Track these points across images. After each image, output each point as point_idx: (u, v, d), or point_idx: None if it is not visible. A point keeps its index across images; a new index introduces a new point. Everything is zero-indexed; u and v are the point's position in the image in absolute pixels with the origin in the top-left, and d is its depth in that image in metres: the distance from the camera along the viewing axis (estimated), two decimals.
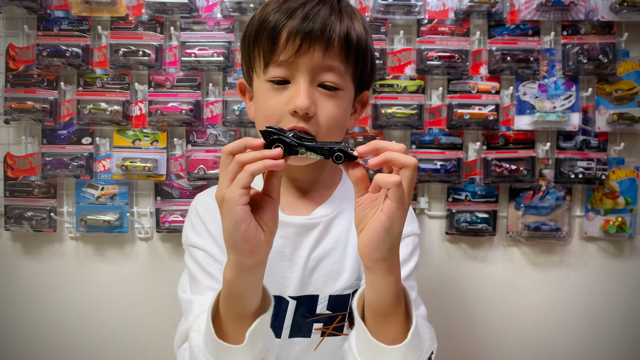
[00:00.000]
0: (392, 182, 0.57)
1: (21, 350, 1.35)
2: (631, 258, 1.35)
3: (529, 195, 1.32)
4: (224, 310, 0.66)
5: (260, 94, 0.81)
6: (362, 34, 0.80)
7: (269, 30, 0.76)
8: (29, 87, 1.27)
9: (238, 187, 0.58)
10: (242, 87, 0.92)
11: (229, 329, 0.66)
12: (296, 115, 0.75)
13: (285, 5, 0.77)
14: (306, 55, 0.75)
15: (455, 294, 1.35)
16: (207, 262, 0.83)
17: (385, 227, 0.60)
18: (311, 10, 0.75)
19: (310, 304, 0.86)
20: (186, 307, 0.82)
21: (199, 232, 0.87)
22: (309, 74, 0.76)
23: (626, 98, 1.30)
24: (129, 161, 1.27)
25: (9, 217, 1.29)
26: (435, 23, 1.28)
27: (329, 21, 0.75)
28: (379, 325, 0.67)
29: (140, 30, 1.27)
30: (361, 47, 0.80)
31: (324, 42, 0.75)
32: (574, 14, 1.27)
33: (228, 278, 0.64)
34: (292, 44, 0.74)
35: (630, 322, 1.36)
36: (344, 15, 0.78)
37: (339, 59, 0.77)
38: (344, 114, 0.81)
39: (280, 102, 0.77)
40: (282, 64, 0.76)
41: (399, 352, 0.65)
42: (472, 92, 1.29)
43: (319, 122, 0.76)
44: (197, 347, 0.68)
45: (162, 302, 1.33)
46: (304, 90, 0.75)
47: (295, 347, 0.86)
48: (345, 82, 0.80)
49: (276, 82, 0.78)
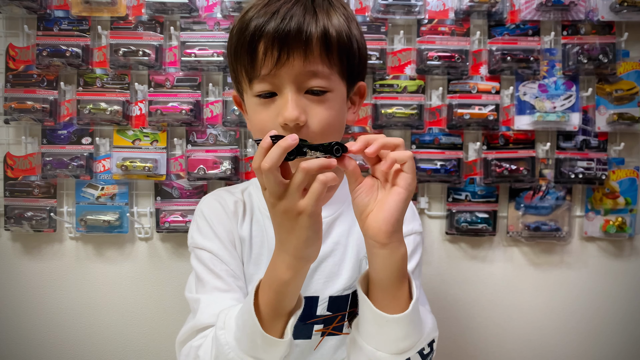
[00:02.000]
0: (408, 156, 0.63)
1: (21, 350, 1.35)
2: (631, 258, 1.35)
3: (529, 195, 1.32)
4: (268, 309, 0.67)
5: (251, 108, 0.81)
6: (343, 27, 0.78)
7: (246, 45, 0.75)
8: (29, 87, 1.27)
9: (314, 198, 0.60)
10: (237, 100, 0.92)
11: (268, 325, 0.67)
12: (287, 127, 0.74)
13: (257, 16, 0.75)
14: (287, 66, 0.73)
15: (455, 294, 1.35)
16: (214, 263, 0.84)
17: (404, 198, 0.64)
18: (285, 14, 0.73)
19: (310, 306, 0.86)
20: (194, 305, 0.82)
21: (205, 234, 0.87)
22: (294, 83, 0.75)
23: (626, 98, 1.30)
24: (129, 161, 1.27)
25: (9, 217, 1.29)
26: (435, 23, 1.28)
27: (304, 24, 0.73)
28: (386, 301, 0.68)
29: (140, 30, 1.27)
30: (343, 41, 0.77)
31: (302, 48, 0.73)
32: (574, 14, 1.27)
33: (285, 278, 0.65)
34: (271, 56, 0.73)
35: (630, 322, 1.36)
36: (319, 14, 0.75)
37: (321, 61, 0.75)
38: (336, 115, 0.80)
39: (269, 115, 0.77)
40: (265, 79, 0.76)
41: (401, 322, 0.67)
42: (472, 92, 1.29)
43: (311, 130, 0.76)
44: (227, 345, 0.68)
45: (162, 302, 1.33)
46: (292, 101, 0.74)
47: (296, 348, 0.87)
48: (333, 83, 0.78)
49: (263, 95, 0.77)
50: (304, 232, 0.62)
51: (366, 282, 0.71)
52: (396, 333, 0.68)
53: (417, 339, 0.70)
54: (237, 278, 0.85)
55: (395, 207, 0.64)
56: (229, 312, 0.72)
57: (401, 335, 0.68)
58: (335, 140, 0.63)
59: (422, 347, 0.71)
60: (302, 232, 0.62)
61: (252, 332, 0.66)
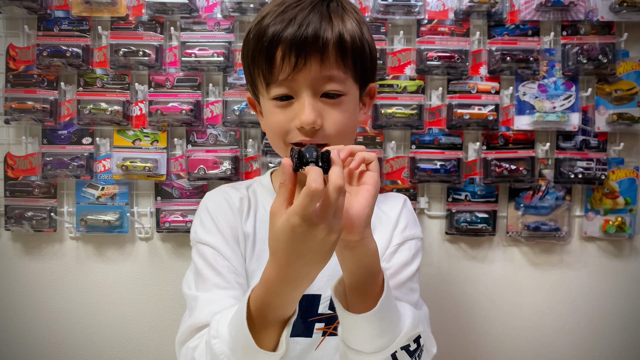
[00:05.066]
0: (374, 156, 0.65)
1: (21, 350, 1.35)
2: (631, 258, 1.35)
3: (528, 195, 1.32)
4: (261, 319, 0.65)
5: (267, 111, 0.83)
6: (356, 31, 0.80)
7: (264, 51, 0.77)
8: (29, 87, 1.27)
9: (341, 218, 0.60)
10: (251, 102, 0.94)
11: (262, 335, 0.65)
12: (303, 130, 0.77)
13: (275, 22, 0.77)
14: (304, 71, 0.76)
15: (455, 294, 1.35)
16: (216, 259, 0.84)
17: (373, 195, 0.64)
18: (302, 21, 0.75)
19: (312, 304, 0.87)
20: (191, 303, 0.82)
21: (209, 230, 0.88)
22: (310, 88, 0.77)
23: (626, 98, 1.30)
24: (129, 161, 1.27)
25: (9, 217, 1.29)
26: (435, 23, 1.29)
27: (320, 30, 0.75)
28: (359, 300, 0.68)
29: (141, 31, 1.27)
30: (357, 46, 0.80)
31: (319, 54, 0.75)
32: (574, 14, 1.27)
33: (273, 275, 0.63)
34: (288, 62, 0.75)
35: (630, 322, 1.36)
36: (334, 20, 0.78)
37: (337, 66, 0.78)
38: (351, 118, 0.82)
39: (286, 118, 0.79)
40: (282, 83, 0.78)
41: (371, 320, 0.66)
42: (472, 92, 1.29)
43: (327, 133, 0.78)
44: (223, 354, 0.67)
45: (162, 302, 1.33)
46: (308, 105, 0.76)
47: (296, 346, 0.87)
48: (348, 87, 0.80)
49: (280, 99, 0.79)
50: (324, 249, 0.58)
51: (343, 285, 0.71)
52: (369, 331, 0.68)
53: (394, 336, 0.70)
54: (238, 275, 0.85)
55: (366, 203, 0.64)
56: (222, 318, 0.70)
57: (375, 332, 0.68)
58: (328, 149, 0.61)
59: (407, 344, 0.71)
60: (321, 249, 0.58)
61: (245, 345, 0.64)
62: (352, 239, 0.64)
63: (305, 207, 0.54)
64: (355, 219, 0.63)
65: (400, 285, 0.84)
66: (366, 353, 0.70)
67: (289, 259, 0.60)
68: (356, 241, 0.65)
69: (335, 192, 0.55)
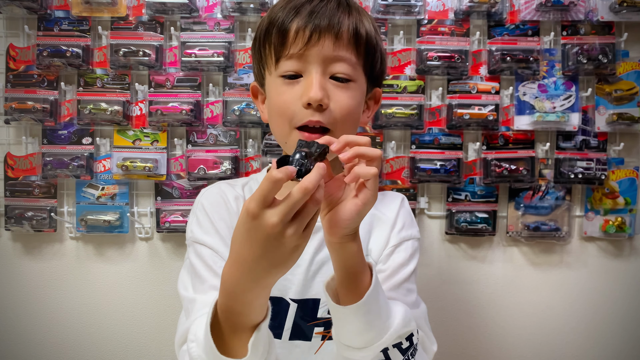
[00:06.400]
0: (372, 174, 0.61)
1: (21, 350, 1.35)
2: (631, 258, 1.35)
3: (528, 195, 1.32)
4: (229, 323, 0.63)
5: (273, 90, 0.82)
6: (372, 31, 0.82)
7: (279, 25, 0.78)
8: (30, 87, 1.27)
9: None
10: (254, 90, 0.92)
11: (231, 341, 0.64)
12: (310, 107, 0.76)
13: (293, 3, 0.79)
14: (316, 47, 0.76)
15: (455, 294, 1.35)
16: (214, 260, 0.82)
17: (359, 210, 0.63)
18: (317, 5, 0.77)
19: (311, 308, 0.86)
20: (188, 305, 0.80)
21: (206, 229, 0.86)
22: (321, 65, 0.77)
23: (626, 98, 1.30)
24: (129, 161, 1.27)
25: (9, 217, 1.29)
26: (435, 23, 1.29)
27: (336, 15, 0.77)
28: (347, 295, 0.68)
29: (141, 31, 1.27)
30: (371, 42, 0.81)
31: (333, 33, 0.76)
32: (574, 14, 1.27)
33: (233, 274, 0.62)
34: (302, 36, 0.76)
35: (630, 322, 1.36)
36: (352, 11, 0.80)
37: (349, 49, 0.78)
38: (357, 106, 0.82)
39: (293, 96, 0.78)
40: (292, 57, 0.78)
41: (358, 312, 0.66)
42: (471, 92, 1.29)
43: (333, 114, 0.78)
44: (199, 358, 0.66)
45: (162, 302, 1.33)
46: (317, 82, 0.76)
47: (296, 349, 0.86)
48: (357, 74, 0.81)
49: (288, 76, 0.79)
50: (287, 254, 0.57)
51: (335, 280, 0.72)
52: (357, 325, 0.68)
53: (383, 331, 0.69)
54: None
55: (349, 215, 0.63)
56: (201, 321, 0.67)
57: (362, 326, 0.68)
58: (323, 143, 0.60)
59: (399, 342, 0.70)
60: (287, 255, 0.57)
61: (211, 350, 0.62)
62: (331, 240, 0.65)
63: (262, 191, 0.53)
64: (338, 222, 0.63)
65: (397, 286, 0.84)
66: (355, 348, 0.70)
67: (241, 249, 0.58)
68: (336, 243, 0.66)
69: (299, 192, 0.54)
